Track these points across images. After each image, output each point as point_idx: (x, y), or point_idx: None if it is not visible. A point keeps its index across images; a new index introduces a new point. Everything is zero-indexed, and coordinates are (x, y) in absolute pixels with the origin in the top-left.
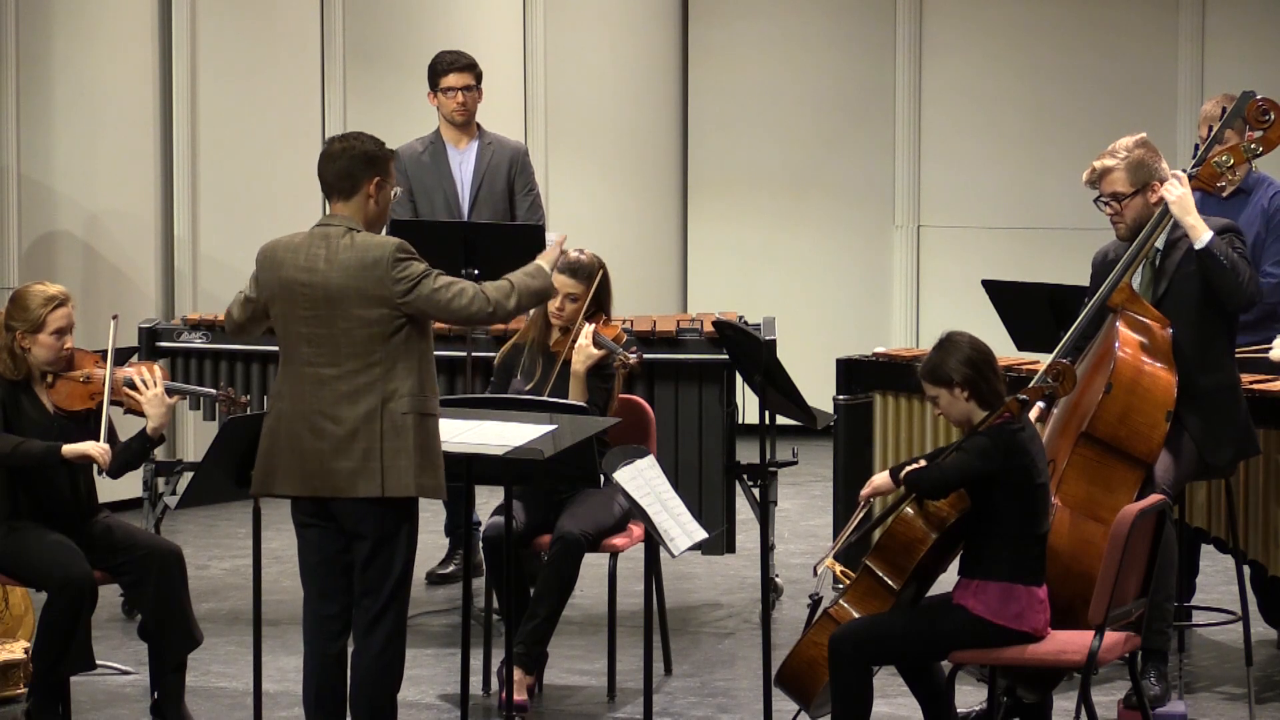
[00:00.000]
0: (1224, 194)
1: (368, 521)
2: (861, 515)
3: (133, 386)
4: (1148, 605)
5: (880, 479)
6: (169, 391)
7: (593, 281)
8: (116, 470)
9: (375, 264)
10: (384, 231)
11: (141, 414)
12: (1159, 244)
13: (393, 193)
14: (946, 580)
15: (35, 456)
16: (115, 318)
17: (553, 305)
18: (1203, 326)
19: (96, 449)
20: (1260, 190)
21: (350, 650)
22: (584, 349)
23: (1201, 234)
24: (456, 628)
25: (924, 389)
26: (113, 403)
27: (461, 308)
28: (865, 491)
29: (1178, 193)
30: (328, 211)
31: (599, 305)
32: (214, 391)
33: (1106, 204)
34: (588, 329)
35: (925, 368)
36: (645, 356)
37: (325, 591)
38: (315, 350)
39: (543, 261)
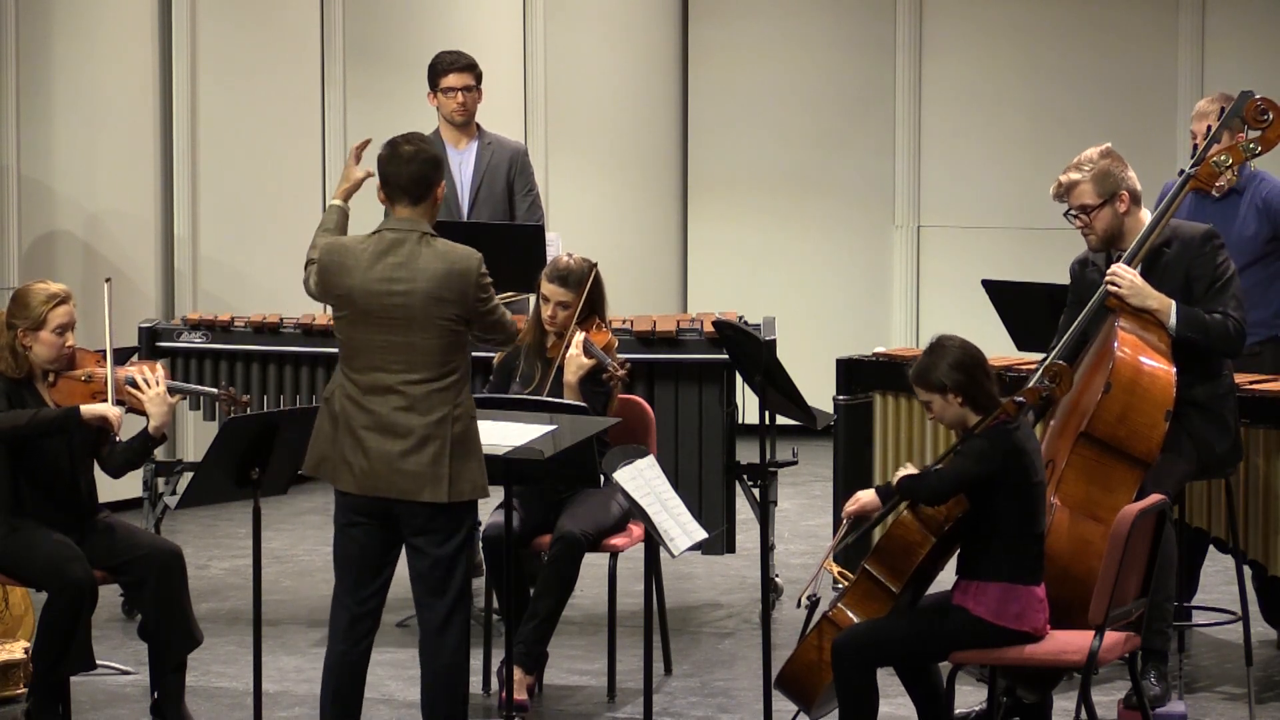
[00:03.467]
0: (1218, 195)
1: (433, 524)
2: (844, 532)
3: (134, 385)
4: (1148, 605)
5: (868, 497)
6: (171, 390)
7: (583, 288)
8: (118, 470)
9: (463, 275)
10: None
11: (143, 413)
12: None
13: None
14: (945, 580)
15: (53, 422)
16: (108, 280)
17: (545, 313)
18: None
19: (113, 411)
20: (1251, 187)
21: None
22: (575, 358)
23: (1169, 318)
24: None
25: (916, 394)
26: (115, 402)
27: (504, 332)
28: (851, 509)
29: (1126, 281)
30: (386, 215)
31: (592, 309)
32: (215, 391)
33: (1075, 216)
34: (578, 338)
35: (915, 373)
36: (645, 357)
37: (359, 589)
38: (391, 357)
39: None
